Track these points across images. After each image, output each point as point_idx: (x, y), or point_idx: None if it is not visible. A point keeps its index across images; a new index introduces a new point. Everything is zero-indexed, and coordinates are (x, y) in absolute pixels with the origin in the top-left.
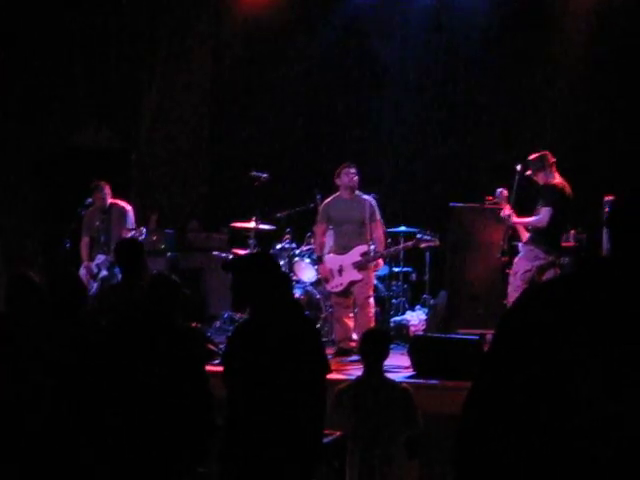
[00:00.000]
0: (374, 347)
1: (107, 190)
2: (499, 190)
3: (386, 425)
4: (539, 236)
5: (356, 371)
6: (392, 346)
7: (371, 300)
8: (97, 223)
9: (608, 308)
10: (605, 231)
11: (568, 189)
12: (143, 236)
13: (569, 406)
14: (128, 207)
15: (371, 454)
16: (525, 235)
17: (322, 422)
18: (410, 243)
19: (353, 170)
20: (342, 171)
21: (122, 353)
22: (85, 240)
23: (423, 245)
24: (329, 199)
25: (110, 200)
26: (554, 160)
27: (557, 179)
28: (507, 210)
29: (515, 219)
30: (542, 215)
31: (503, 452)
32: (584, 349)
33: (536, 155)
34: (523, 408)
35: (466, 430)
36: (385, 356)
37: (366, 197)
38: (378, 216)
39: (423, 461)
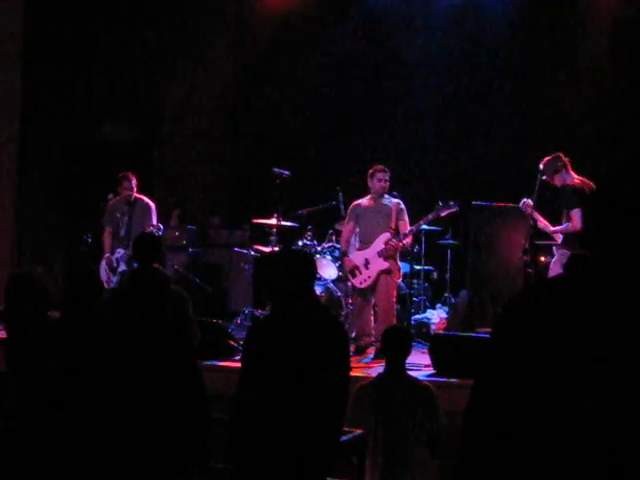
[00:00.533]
0: (396, 344)
1: (134, 182)
2: (523, 200)
3: (407, 423)
4: (571, 240)
5: (377, 368)
6: (413, 344)
7: (394, 289)
8: (118, 215)
9: (610, 306)
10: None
11: (588, 187)
12: (161, 232)
13: (570, 402)
14: (152, 204)
15: (392, 452)
16: (558, 237)
17: (341, 421)
18: (431, 215)
19: (385, 176)
20: (375, 175)
21: (118, 348)
22: (108, 230)
23: (444, 213)
24: (360, 200)
25: (135, 194)
26: (567, 160)
27: (575, 179)
28: (542, 222)
29: (551, 228)
30: (575, 219)
31: (511, 444)
32: (584, 347)
33: (548, 158)
34: (532, 400)
35: (472, 425)
36: (407, 354)
37: (396, 200)
38: (406, 217)
39: (443, 459)
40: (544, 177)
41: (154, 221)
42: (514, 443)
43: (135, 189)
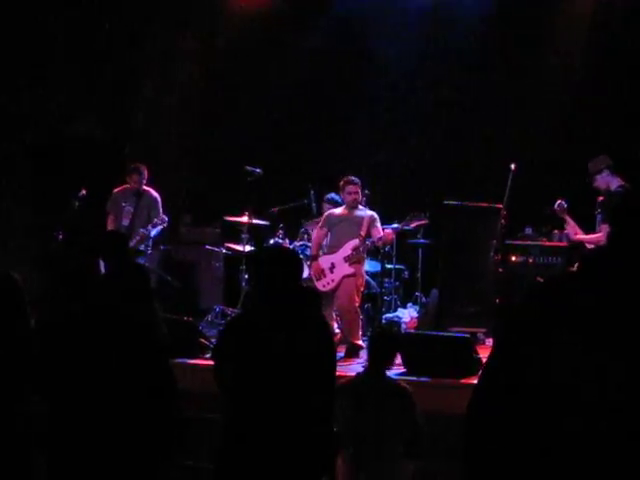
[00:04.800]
0: (383, 348)
1: (145, 174)
2: (558, 202)
3: (384, 423)
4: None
5: (351, 366)
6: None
7: (357, 295)
8: (123, 204)
9: (610, 301)
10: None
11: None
12: (165, 224)
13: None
14: (158, 196)
15: (367, 452)
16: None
17: (331, 417)
18: (400, 226)
19: (355, 189)
20: (345, 188)
21: (81, 344)
22: (111, 218)
23: (413, 225)
24: (335, 210)
25: (144, 186)
26: (611, 162)
27: (619, 184)
28: (572, 227)
29: (580, 236)
30: (603, 234)
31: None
32: (581, 339)
33: (594, 160)
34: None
35: (476, 418)
36: (393, 359)
37: (370, 212)
38: (378, 225)
39: (418, 460)
40: (589, 181)
41: (161, 214)
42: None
43: (145, 181)
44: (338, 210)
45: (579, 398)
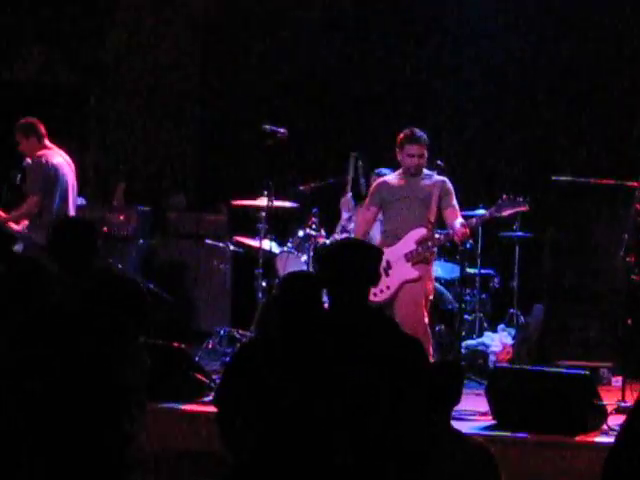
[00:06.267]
0: (441, 387)
1: (33, 134)
2: None
3: None
4: None
5: None
6: (464, 386)
7: (426, 307)
8: None
9: None
10: None
11: None
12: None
13: None
14: (39, 165)
15: None
16: None
17: None
18: (488, 213)
19: (419, 150)
20: (404, 147)
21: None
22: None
23: (507, 213)
24: (387, 176)
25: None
26: None
27: None
28: None
29: None
30: None
31: None
32: None
33: None
34: None
35: None
36: (456, 400)
37: (439, 177)
38: (454, 201)
39: None
40: None
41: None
42: None
43: (35, 144)
44: (392, 177)
45: None
